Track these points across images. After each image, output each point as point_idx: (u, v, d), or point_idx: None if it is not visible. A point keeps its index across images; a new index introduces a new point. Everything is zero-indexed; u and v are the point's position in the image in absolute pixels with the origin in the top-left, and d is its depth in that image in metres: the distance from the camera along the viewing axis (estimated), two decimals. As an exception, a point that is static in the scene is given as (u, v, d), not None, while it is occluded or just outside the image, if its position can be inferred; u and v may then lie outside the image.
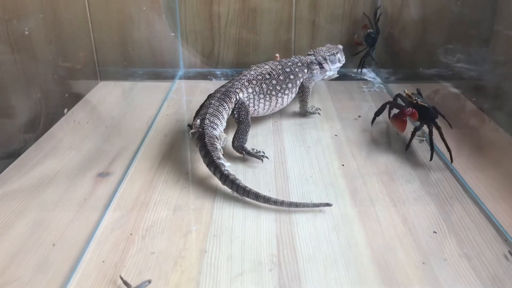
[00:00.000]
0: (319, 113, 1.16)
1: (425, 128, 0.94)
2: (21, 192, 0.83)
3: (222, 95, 0.99)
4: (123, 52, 1.44)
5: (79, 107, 1.21)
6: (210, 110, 0.95)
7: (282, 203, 0.77)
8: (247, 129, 0.98)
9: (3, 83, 0.92)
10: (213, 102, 0.97)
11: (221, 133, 0.93)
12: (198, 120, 0.92)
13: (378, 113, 1.06)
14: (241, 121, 0.99)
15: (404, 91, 0.99)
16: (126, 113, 1.20)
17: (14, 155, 0.94)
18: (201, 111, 0.96)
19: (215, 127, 0.92)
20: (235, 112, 1.00)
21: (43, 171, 0.89)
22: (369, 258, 0.67)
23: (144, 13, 1.43)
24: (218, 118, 0.94)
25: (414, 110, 0.91)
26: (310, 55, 1.21)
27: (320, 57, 1.20)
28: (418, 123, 0.95)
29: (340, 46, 1.28)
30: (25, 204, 0.79)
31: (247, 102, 1.03)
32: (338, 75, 1.26)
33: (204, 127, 0.90)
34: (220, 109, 0.96)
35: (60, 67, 1.16)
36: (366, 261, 0.67)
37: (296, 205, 0.77)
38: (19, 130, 0.98)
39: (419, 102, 0.93)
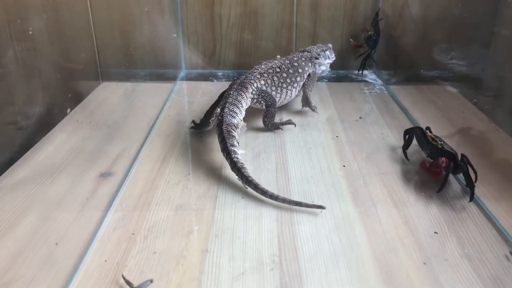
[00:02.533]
0: (317, 112, 1.18)
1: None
2: (23, 191, 0.83)
3: (239, 86, 1.04)
4: (125, 53, 1.44)
5: (81, 108, 1.22)
6: (230, 100, 0.99)
7: (276, 198, 0.79)
8: (275, 112, 1.08)
9: (5, 84, 0.92)
10: (231, 92, 1.02)
11: (239, 121, 0.97)
12: (219, 109, 0.97)
13: (405, 147, 0.97)
14: (269, 105, 1.07)
15: (427, 132, 0.92)
16: (128, 114, 1.20)
17: (16, 154, 0.95)
18: (221, 101, 1.01)
19: (234, 115, 0.97)
20: (260, 100, 1.07)
21: (46, 171, 0.90)
22: (370, 259, 0.67)
23: (146, 14, 1.43)
24: (237, 107, 0.99)
25: (447, 160, 0.83)
26: (305, 51, 1.25)
27: (315, 53, 1.25)
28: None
29: (330, 45, 1.32)
30: (28, 203, 0.80)
31: None
32: (329, 69, 1.30)
33: (223, 115, 0.95)
34: (239, 98, 1.01)
35: (63, 68, 1.17)
36: (367, 261, 0.67)
37: (290, 202, 0.78)
38: (21, 130, 0.98)
39: (445, 147, 0.86)
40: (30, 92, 1.01)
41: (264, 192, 0.79)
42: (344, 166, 0.93)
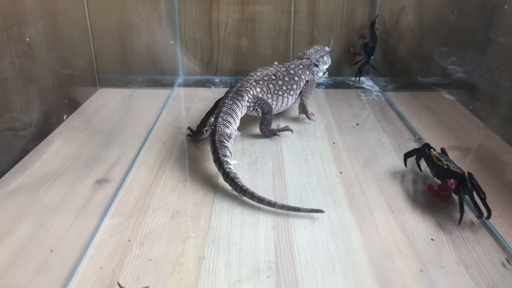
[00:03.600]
0: (313, 119, 1.18)
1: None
2: (19, 197, 0.83)
3: (234, 94, 1.04)
4: (122, 60, 1.45)
5: (78, 114, 1.22)
6: (224, 109, 0.99)
7: (274, 205, 0.78)
8: (272, 119, 1.08)
9: (2, 90, 0.92)
10: (226, 101, 1.01)
11: (233, 131, 0.97)
12: (212, 118, 0.97)
13: (408, 155, 0.93)
14: (266, 112, 1.07)
15: (431, 151, 0.86)
16: (125, 120, 1.20)
17: (12, 161, 0.94)
18: (216, 110, 1.00)
19: (228, 125, 0.96)
20: (257, 108, 1.07)
21: (42, 177, 0.90)
22: (367, 265, 0.67)
23: (144, 21, 1.43)
24: (232, 116, 0.99)
25: (455, 181, 0.77)
26: (303, 58, 1.24)
27: (314, 60, 1.25)
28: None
29: (327, 49, 1.31)
30: (24, 210, 0.79)
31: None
32: (327, 77, 1.32)
33: (216, 124, 0.94)
34: (233, 108, 1.01)
35: (60, 74, 1.17)
36: (364, 268, 0.66)
37: (288, 208, 0.78)
38: (18, 136, 0.98)
39: (451, 167, 0.79)
40: (27, 98, 1.01)
41: (261, 200, 0.79)
42: (341, 172, 0.93)
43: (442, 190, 0.78)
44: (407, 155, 0.93)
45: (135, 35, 1.44)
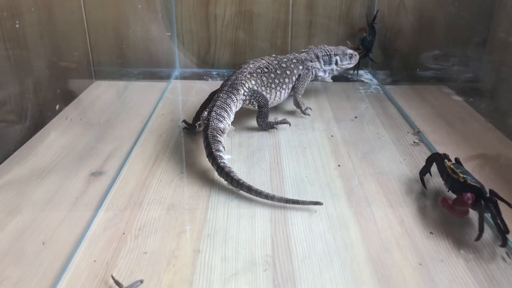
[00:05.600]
0: (309, 114, 1.16)
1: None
2: (12, 190, 0.81)
3: (229, 88, 1.02)
4: (118, 52, 1.43)
5: (73, 106, 1.21)
6: (218, 103, 0.97)
7: (272, 198, 0.77)
8: (268, 112, 1.06)
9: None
10: (221, 95, 0.99)
11: (227, 125, 0.95)
12: (206, 112, 0.95)
13: (423, 173, 0.85)
14: (262, 105, 1.05)
15: (446, 162, 0.79)
16: (120, 112, 1.18)
17: (6, 153, 0.93)
18: (210, 104, 0.98)
19: (221, 119, 0.94)
20: (253, 101, 1.05)
21: (35, 170, 0.88)
22: (365, 259, 0.66)
23: (139, 12, 1.42)
24: (226, 111, 0.96)
25: (473, 196, 0.70)
26: (304, 52, 1.23)
27: (313, 55, 1.22)
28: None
29: (349, 51, 1.25)
30: (17, 202, 0.78)
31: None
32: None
33: (209, 119, 0.92)
34: (228, 102, 0.98)
35: (56, 66, 1.15)
36: (362, 262, 0.66)
37: (286, 200, 0.77)
38: (12, 128, 0.97)
39: (468, 181, 0.72)
40: (21, 90, 1.00)
41: (258, 193, 0.78)
42: (339, 165, 0.92)
43: (458, 204, 0.71)
44: (422, 173, 0.85)
45: (131, 27, 1.42)
